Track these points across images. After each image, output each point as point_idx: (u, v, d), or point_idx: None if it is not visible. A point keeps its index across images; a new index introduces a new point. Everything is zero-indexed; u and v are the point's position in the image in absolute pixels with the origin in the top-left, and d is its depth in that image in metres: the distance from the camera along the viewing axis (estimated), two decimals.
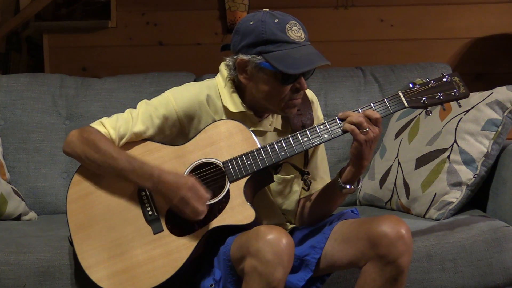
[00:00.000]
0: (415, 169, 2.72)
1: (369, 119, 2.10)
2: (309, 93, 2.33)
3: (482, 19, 3.64)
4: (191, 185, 2.11)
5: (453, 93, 2.15)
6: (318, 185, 2.32)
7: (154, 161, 2.20)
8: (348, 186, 2.17)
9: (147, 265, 2.15)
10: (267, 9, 2.18)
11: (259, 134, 2.24)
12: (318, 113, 2.34)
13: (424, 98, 2.15)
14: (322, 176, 2.35)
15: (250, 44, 2.13)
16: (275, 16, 2.13)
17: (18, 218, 2.82)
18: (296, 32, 2.12)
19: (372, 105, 2.14)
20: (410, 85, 2.17)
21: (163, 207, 2.19)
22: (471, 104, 2.65)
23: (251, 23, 2.13)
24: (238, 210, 2.13)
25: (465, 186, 2.62)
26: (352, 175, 2.16)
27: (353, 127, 2.10)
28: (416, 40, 3.67)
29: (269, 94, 2.16)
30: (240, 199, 2.14)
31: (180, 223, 2.17)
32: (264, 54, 2.11)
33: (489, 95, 2.66)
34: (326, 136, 2.15)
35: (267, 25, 2.11)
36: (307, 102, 2.29)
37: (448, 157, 2.65)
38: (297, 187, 2.31)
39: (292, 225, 2.35)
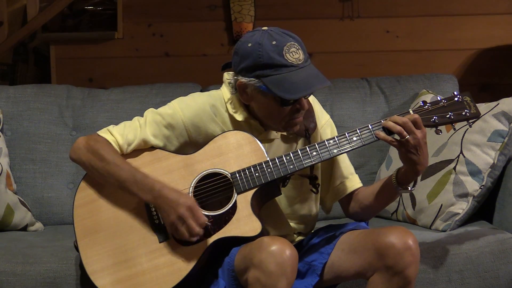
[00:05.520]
0: (421, 180, 2.71)
1: (403, 126, 2.09)
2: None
3: (488, 30, 3.64)
4: (190, 205, 2.10)
5: (464, 113, 2.14)
6: (353, 183, 2.31)
7: (162, 169, 2.20)
8: (403, 187, 2.17)
9: (152, 273, 2.15)
10: (266, 28, 2.15)
11: (267, 141, 2.25)
12: (320, 114, 2.31)
13: (434, 117, 2.14)
14: (352, 172, 2.33)
15: (249, 68, 2.11)
16: (273, 38, 2.10)
17: (24, 228, 2.82)
18: (294, 54, 2.10)
19: (382, 121, 2.13)
20: (421, 103, 2.16)
21: None
22: None
23: (249, 45, 2.11)
24: (244, 222, 2.13)
25: (472, 197, 2.62)
26: (406, 177, 2.16)
27: (390, 138, 2.10)
28: (422, 51, 3.67)
29: (269, 114, 2.16)
30: (247, 211, 2.13)
31: None
32: (262, 78, 2.10)
33: (495, 106, 2.66)
34: (335, 151, 2.15)
35: (264, 48, 2.09)
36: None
37: (454, 168, 2.65)
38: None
39: (301, 237, 2.33)
